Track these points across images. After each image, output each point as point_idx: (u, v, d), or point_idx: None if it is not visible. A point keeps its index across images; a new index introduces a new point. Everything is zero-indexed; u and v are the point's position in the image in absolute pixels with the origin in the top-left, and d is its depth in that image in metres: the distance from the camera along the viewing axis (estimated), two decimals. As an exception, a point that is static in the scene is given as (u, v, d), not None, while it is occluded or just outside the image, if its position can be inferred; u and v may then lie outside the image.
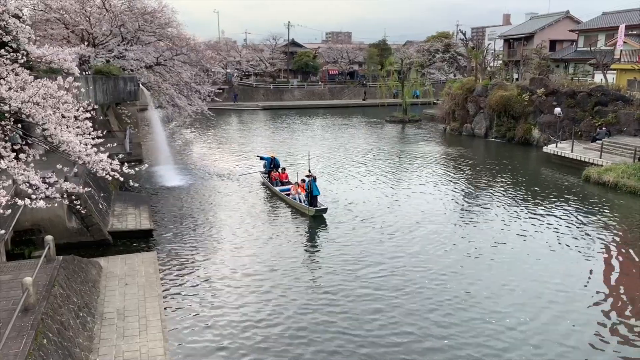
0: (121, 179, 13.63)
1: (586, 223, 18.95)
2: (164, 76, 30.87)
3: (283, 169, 24.51)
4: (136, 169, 14.22)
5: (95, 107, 15.04)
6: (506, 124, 37.38)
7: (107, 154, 12.82)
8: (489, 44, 58.14)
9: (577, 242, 17.01)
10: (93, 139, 12.72)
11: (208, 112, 34.83)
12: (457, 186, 24.67)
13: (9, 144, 12.36)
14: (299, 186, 21.11)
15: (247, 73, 72.68)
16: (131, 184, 16.47)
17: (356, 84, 74.25)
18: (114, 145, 16.20)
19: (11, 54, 12.72)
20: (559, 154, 29.67)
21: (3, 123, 11.80)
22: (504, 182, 25.30)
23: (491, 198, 22.47)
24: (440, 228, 18.37)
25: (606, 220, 19.37)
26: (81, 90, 17.25)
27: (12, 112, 11.71)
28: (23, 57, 13.03)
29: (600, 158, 26.90)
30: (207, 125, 45.43)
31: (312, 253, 16.48)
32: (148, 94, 27.66)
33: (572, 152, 28.77)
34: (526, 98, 35.63)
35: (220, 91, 48.26)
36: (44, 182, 12.71)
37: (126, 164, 13.15)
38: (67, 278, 11.44)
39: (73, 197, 14.08)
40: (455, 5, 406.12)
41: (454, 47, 70.58)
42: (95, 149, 12.49)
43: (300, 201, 20.48)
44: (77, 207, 14.71)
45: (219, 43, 69.85)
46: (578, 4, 70.73)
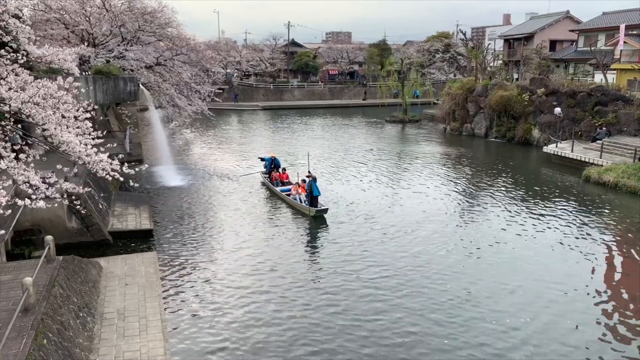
0: (121, 179, 13.62)
1: (586, 223, 18.95)
2: (164, 76, 30.91)
3: (284, 169, 24.49)
4: (136, 169, 14.22)
5: (95, 108, 15.03)
6: (506, 124, 37.39)
7: (107, 154, 12.82)
8: (489, 44, 58.16)
9: (578, 242, 17.01)
10: (93, 139, 12.73)
11: (208, 112, 34.90)
12: (458, 186, 24.67)
13: (9, 144, 12.36)
14: (300, 186, 21.09)
15: (247, 73, 72.70)
16: (131, 184, 16.45)
17: (356, 84, 74.23)
18: (114, 145, 16.21)
19: (11, 54, 12.71)
20: (559, 154, 29.67)
21: (3, 123, 11.79)
22: (504, 182, 25.29)
23: (492, 198, 22.46)
24: (441, 228, 18.37)
25: (606, 220, 19.37)
26: (81, 90, 17.25)
27: (12, 113, 11.70)
28: (23, 58, 13.03)
29: (600, 158, 26.90)
30: (207, 125, 45.40)
31: (313, 253, 16.47)
32: (148, 94, 27.65)
33: (572, 152, 28.76)
34: (526, 98, 35.62)
35: (220, 91, 48.27)
36: (44, 182, 12.71)
37: (126, 164, 13.15)
38: (67, 278, 11.43)
39: (73, 197, 14.08)
40: (455, 5, 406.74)
41: (454, 47, 70.61)
42: (95, 149, 12.49)
43: (300, 201, 20.46)
44: (77, 207, 14.71)
45: (219, 43, 69.84)
46: (578, 4, 70.77)
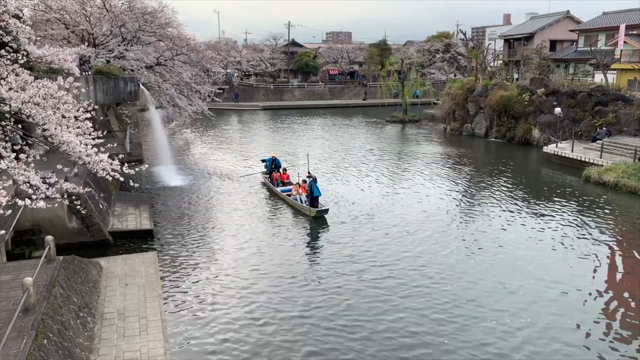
0: (121, 179, 13.63)
1: (587, 223, 18.94)
2: (164, 76, 30.90)
3: (284, 170, 24.49)
4: (136, 169, 14.22)
5: (95, 108, 15.01)
6: (506, 124, 37.38)
7: (108, 154, 12.81)
8: (489, 44, 58.16)
9: (578, 242, 17.01)
10: (93, 139, 12.72)
11: (208, 112, 34.87)
12: (458, 186, 24.67)
13: (9, 144, 12.35)
14: (300, 187, 21.09)
15: (248, 73, 72.68)
16: (131, 184, 16.46)
17: (356, 84, 74.22)
18: (114, 145, 16.21)
19: (11, 55, 12.71)
20: (559, 154, 29.66)
21: (3, 123, 11.79)
22: (505, 182, 25.28)
23: (492, 198, 22.46)
24: (441, 228, 18.37)
25: (607, 220, 19.38)
26: (81, 90, 17.25)
27: (13, 113, 11.70)
28: (23, 58, 13.03)
29: (600, 158, 26.89)
30: (208, 125, 45.40)
31: (314, 253, 16.46)
32: (148, 94, 27.64)
33: (573, 152, 28.76)
34: (526, 98, 35.61)
35: (220, 91, 48.28)
36: (44, 183, 12.70)
37: (126, 164, 13.14)
38: (68, 278, 11.43)
39: (73, 198, 14.08)
40: (455, 5, 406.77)
41: (454, 47, 70.58)
42: (95, 149, 12.48)
43: (301, 202, 20.45)
44: (78, 208, 14.71)
45: (219, 43, 69.82)
46: (578, 4, 70.75)
